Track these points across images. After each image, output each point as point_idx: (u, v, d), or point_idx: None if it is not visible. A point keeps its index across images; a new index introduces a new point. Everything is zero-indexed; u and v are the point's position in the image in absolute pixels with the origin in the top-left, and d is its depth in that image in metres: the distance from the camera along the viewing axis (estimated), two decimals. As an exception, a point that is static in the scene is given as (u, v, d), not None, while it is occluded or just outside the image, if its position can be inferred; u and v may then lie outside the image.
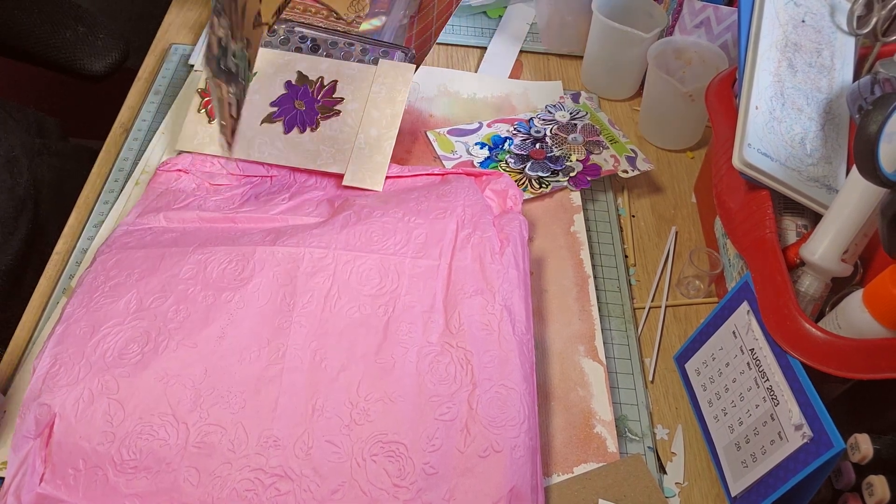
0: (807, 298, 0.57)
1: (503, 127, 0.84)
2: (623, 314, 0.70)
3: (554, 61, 0.98)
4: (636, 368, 0.66)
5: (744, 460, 0.55)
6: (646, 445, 0.61)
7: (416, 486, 0.51)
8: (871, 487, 0.49)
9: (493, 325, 0.58)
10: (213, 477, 0.51)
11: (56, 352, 0.56)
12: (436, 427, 0.53)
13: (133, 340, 0.56)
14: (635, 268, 0.75)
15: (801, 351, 0.51)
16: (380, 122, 0.76)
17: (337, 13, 0.93)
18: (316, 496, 0.51)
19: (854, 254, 0.56)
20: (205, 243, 0.63)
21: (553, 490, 0.57)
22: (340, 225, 0.64)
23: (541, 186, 0.77)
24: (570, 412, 0.62)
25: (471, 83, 0.91)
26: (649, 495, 0.57)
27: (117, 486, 0.51)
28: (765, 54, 0.64)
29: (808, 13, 0.68)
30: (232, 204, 0.71)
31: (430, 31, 0.87)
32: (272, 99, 0.77)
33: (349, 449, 0.53)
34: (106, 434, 0.52)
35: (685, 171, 0.86)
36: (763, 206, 0.60)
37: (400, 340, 0.57)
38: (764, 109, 0.62)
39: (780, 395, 0.52)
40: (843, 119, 0.67)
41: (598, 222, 0.78)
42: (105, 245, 0.65)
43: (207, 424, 0.53)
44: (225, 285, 0.60)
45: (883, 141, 0.49)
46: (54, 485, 0.51)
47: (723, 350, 0.59)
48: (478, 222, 0.65)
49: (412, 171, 0.75)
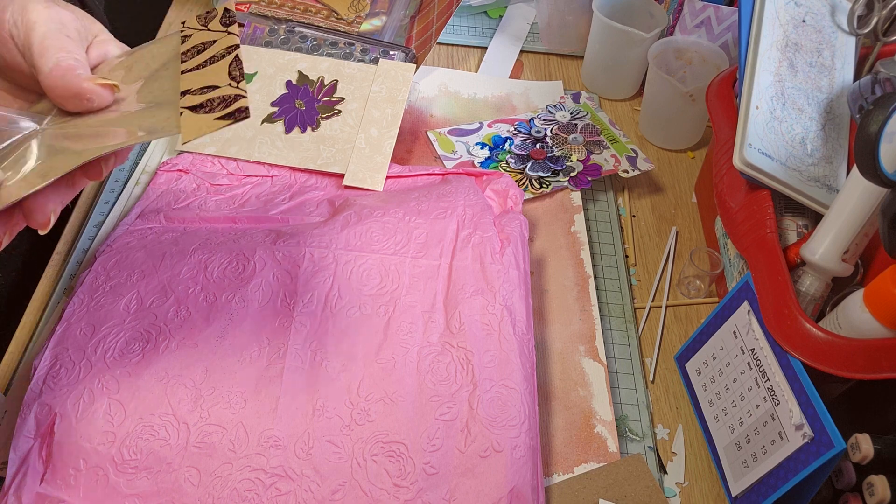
0: (807, 298, 0.57)
1: (504, 127, 0.84)
2: (623, 314, 0.70)
3: (554, 61, 0.98)
4: (637, 368, 0.66)
5: (744, 460, 0.55)
6: (646, 445, 0.61)
7: (417, 486, 0.51)
8: (872, 487, 0.49)
9: (493, 325, 0.58)
10: (213, 477, 0.51)
11: (56, 352, 0.56)
12: (436, 427, 0.53)
13: (134, 340, 0.56)
14: (636, 268, 0.75)
15: (802, 351, 0.51)
16: (380, 121, 0.76)
17: (337, 13, 0.93)
18: (316, 496, 0.51)
19: (855, 253, 0.56)
20: (205, 243, 0.63)
21: (553, 490, 0.57)
22: (341, 225, 0.64)
23: (541, 186, 0.77)
24: (570, 412, 0.62)
25: (471, 83, 0.91)
26: (650, 495, 0.57)
27: (118, 486, 0.51)
28: (765, 54, 0.64)
29: (809, 13, 0.68)
30: (232, 204, 0.71)
31: (431, 31, 0.87)
32: (273, 99, 0.77)
33: (350, 449, 0.53)
34: (106, 434, 0.52)
35: (686, 170, 0.86)
36: (763, 205, 0.60)
37: (400, 340, 0.57)
38: (764, 109, 0.62)
39: (781, 395, 0.52)
40: (844, 119, 0.67)
41: (598, 222, 0.78)
42: (105, 245, 0.65)
43: (208, 424, 0.53)
44: (225, 285, 0.60)
45: (883, 141, 0.49)
46: (55, 485, 0.51)
47: (723, 350, 0.59)
48: (478, 222, 0.65)
49: (413, 170, 0.75)
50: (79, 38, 0.43)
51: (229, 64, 0.43)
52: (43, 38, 0.41)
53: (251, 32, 0.87)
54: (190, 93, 0.42)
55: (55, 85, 0.40)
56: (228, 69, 0.42)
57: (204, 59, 0.43)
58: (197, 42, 0.44)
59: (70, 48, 0.41)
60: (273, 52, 0.79)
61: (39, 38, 0.41)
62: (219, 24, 0.45)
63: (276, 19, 0.90)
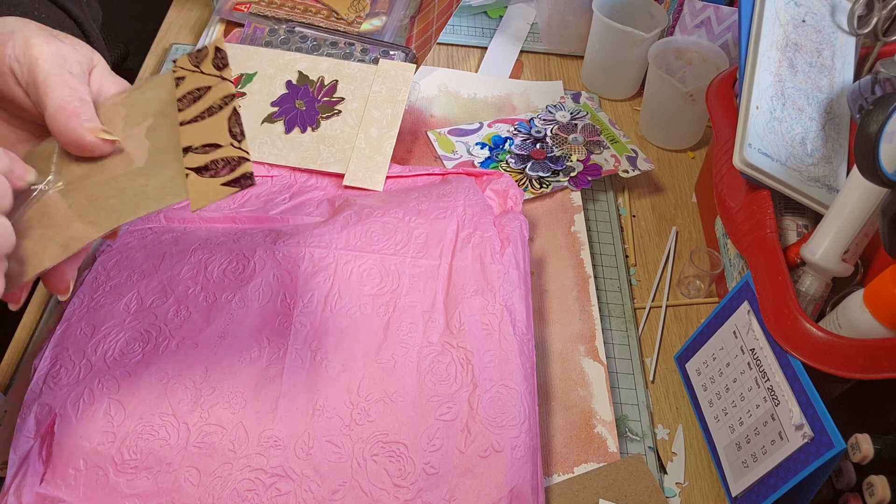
0: (807, 298, 0.57)
1: (504, 127, 0.84)
2: (623, 314, 0.70)
3: (554, 61, 0.98)
4: (637, 368, 0.66)
5: (744, 460, 0.55)
6: (646, 445, 0.61)
7: (417, 486, 0.51)
8: (872, 487, 0.49)
9: (493, 325, 0.58)
10: (213, 477, 0.51)
11: (56, 352, 0.56)
12: (436, 427, 0.53)
13: (134, 340, 0.56)
14: (636, 268, 0.75)
15: (802, 351, 0.51)
16: (380, 121, 0.76)
17: (337, 13, 0.93)
18: (316, 496, 0.51)
19: (855, 253, 0.56)
20: (205, 243, 0.63)
21: (553, 490, 0.57)
22: (341, 225, 0.64)
23: (541, 186, 0.77)
24: (570, 412, 0.62)
25: (471, 83, 0.91)
26: (650, 495, 0.57)
27: (118, 486, 0.51)
28: (765, 54, 0.64)
29: (809, 13, 0.68)
30: (232, 204, 0.71)
31: (431, 31, 0.87)
32: (273, 99, 0.77)
33: (350, 449, 0.53)
34: (107, 434, 0.52)
35: (686, 170, 0.86)
36: (764, 205, 0.60)
37: (400, 340, 0.57)
38: (764, 109, 0.62)
39: (781, 395, 0.52)
40: (844, 119, 0.67)
41: (598, 222, 0.78)
42: (105, 245, 0.65)
43: (208, 424, 0.53)
44: (225, 285, 0.60)
45: (883, 141, 0.49)
46: (55, 485, 0.51)
47: (723, 350, 0.59)
48: (478, 222, 0.65)
49: (413, 170, 0.75)
50: (81, 73, 0.43)
51: (228, 119, 0.42)
52: (47, 77, 0.41)
53: (251, 32, 0.87)
54: (192, 150, 0.42)
55: (59, 130, 0.41)
56: (228, 125, 0.42)
57: (202, 110, 0.43)
58: (191, 87, 0.44)
59: (74, 85, 0.42)
60: (273, 52, 0.79)
61: (43, 75, 0.41)
62: (211, 67, 0.44)
63: (276, 19, 0.90)
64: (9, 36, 0.42)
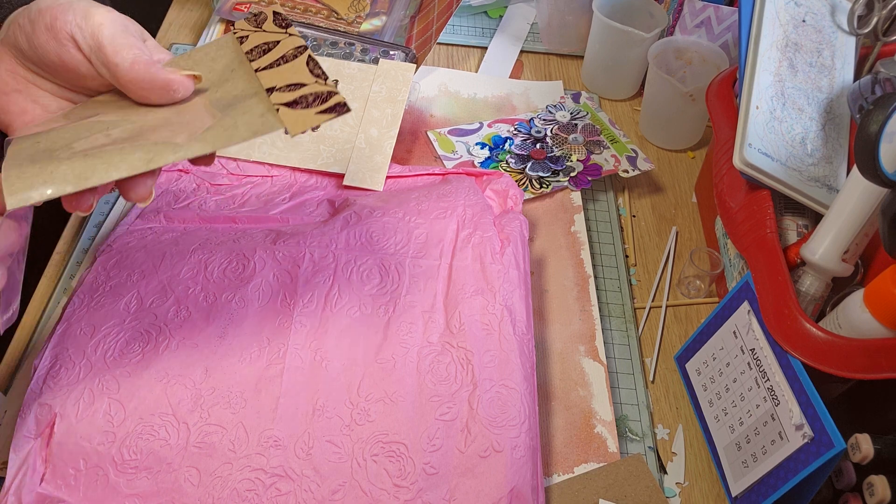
0: (807, 298, 0.57)
1: (504, 127, 0.84)
2: (623, 314, 0.70)
3: (554, 61, 0.98)
4: (637, 368, 0.66)
5: (744, 460, 0.55)
6: (646, 445, 0.61)
7: (417, 486, 0.51)
8: (872, 487, 0.49)
9: (493, 325, 0.58)
10: (213, 477, 0.51)
11: (57, 352, 0.56)
12: (436, 427, 0.53)
13: (134, 340, 0.56)
14: (636, 268, 0.75)
15: (802, 351, 0.51)
16: (380, 121, 0.76)
17: (337, 13, 0.93)
18: (316, 496, 0.51)
19: (855, 253, 0.56)
20: (205, 243, 0.63)
21: (553, 490, 0.57)
22: (341, 225, 0.64)
23: (541, 186, 0.77)
24: (570, 412, 0.62)
25: (471, 83, 0.91)
26: (650, 495, 0.57)
27: (118, 486, 0.51)
28: (765, 54, 0.64)
29: (809, 13, 0.68)
30: (232, 204, 0.71)
31: (431, 31, 0.87)
32: (272, 99, 0.77)
33: (350, 449, 0.53)
34: (107, 434, 0.52)
35: (686, 170, 0.86)
36: (764, 205, 0.60)
37: (400, 340, 0.57)
38: (764, 109, 0.62)
39: (781, 395, 0.52)
40: (844, 119, 0.67)
41: (598, 222, 0.78)
42: (105, 245, 0.65)
43: (208, 424, 0.53)
44: (225, 285, 0.60)
45: (883, 141, 0.49)
46: (55, 485, 0.51)
47: (723, 350, 0.59)
48: (478, 222, 0.65)
49: (413, 170, 0.75)
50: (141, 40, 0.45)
51: (306, 63, 0.43)
52: (114, 38, 0.42)
53: (251, 32, 0.86)
54: (277, 90, 0.42)
55: (139, 77, 0.42)
56: (308, 68, 0.43)
57: (276, 58, 0.44)
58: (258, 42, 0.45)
59: (140, 46, 0.43)
60: (273, 52, 0.79)
61: (110, 38, 0.42)
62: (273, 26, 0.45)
63: (276, 19, 0.90)
64: (67, 5, 0.43)
